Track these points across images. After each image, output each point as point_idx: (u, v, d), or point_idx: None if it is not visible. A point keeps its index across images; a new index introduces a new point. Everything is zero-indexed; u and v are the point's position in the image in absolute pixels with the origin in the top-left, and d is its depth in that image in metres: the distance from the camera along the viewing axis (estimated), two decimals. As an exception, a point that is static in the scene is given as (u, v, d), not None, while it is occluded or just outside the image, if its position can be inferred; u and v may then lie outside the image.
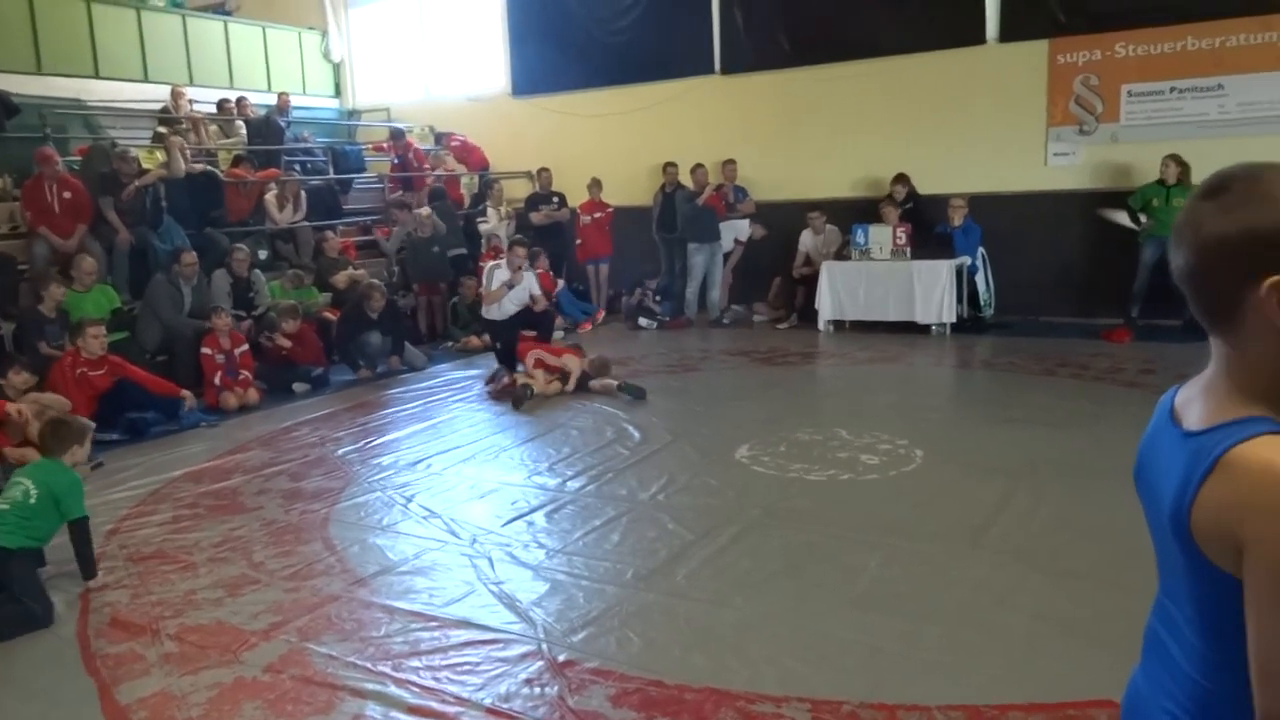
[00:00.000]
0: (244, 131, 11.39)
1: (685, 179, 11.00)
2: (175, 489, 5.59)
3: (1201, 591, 1.09)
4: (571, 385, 7.59)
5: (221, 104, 11.69)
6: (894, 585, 3.77)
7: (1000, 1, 9.85)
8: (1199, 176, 8.68)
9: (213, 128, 11.32)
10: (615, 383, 7.47)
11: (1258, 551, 0.99)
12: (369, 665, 3.33)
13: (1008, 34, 9.86)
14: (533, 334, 8.64)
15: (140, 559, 4.48)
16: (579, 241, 11.53)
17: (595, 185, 11.41)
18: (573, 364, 7.70)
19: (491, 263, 8.81)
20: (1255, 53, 8.87)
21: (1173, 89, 9.25)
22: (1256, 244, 1.03)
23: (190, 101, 11.31)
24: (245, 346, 7.87)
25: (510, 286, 8.33)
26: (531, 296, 8.49)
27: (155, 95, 11.47)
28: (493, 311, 8.47)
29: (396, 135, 12.36)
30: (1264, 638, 0.99)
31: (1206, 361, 1.16)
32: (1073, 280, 9.66)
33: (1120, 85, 9.45)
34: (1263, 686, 1.00)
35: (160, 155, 9.56)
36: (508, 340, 8.58)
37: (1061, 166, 9.75)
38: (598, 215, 11.43)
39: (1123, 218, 8.97)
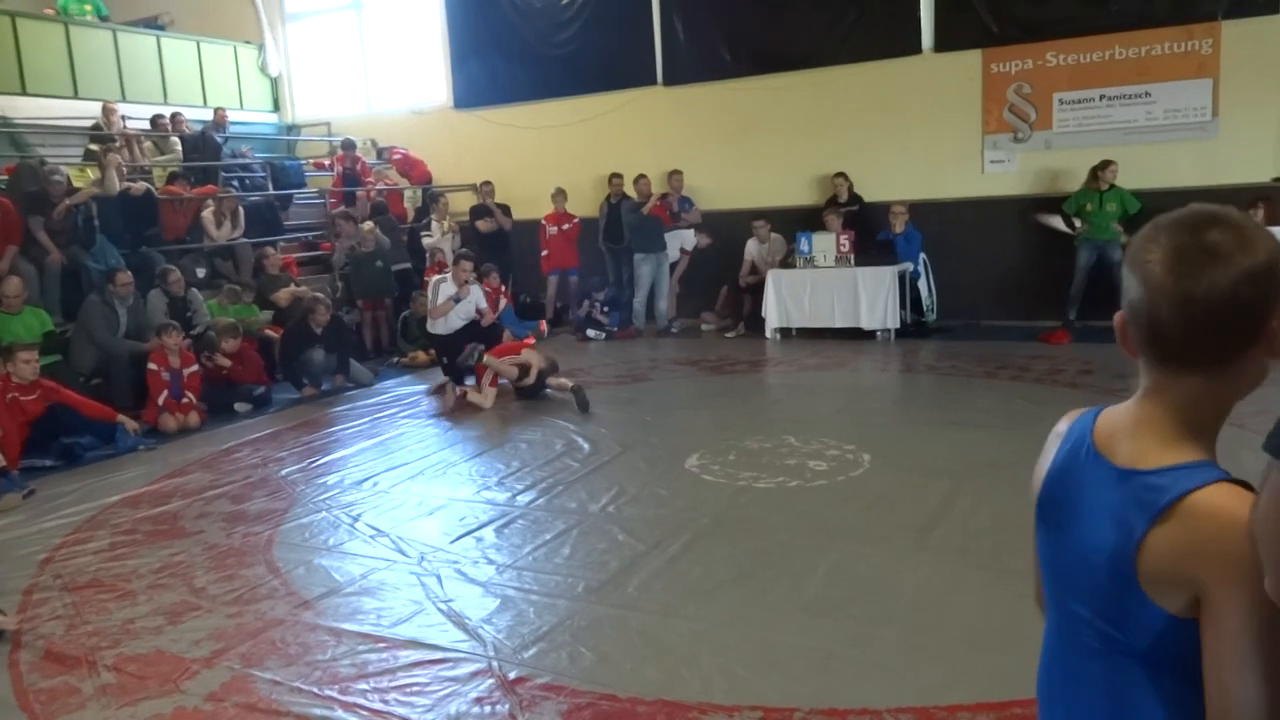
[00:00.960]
0: (179, 148, 11.17)
1: (630, 190, 11.03)
2: (112, 515, 5.44)
3: (1138, 623, 1.09)
4: (532, 378, 7.66)
5: (155, 120, 11.45)
6: (843, 590, 3.80)
7: (935, 12, 10.05)
8: (1127, 182, 8.98)
9: (147, 144, 11.08)
10: (570, 383, 7.52)
11: (1223, 605, 1.00)
12: (315, 690, 3.26)
13: (943, 44, 10.07)
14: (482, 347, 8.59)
15: (76, 588, 4.34)
16: (545, 253, 11.48)
17: (560, 195, 11.34)
18: (532, 357, 7.76)
19: (436, 277, 8.75)
20: (1179, 61, 9.16)
21: (1102, 96, 9.51)
22: (1269, 288, 1.03)
23: (123, 118, 11.07)
24: (195, 368, 7.69)
25: (457, 300, 8.28)
26: (478, 310, 8.45)
27: (86, 112, 11.20)
28: (439, 326, 8.41)
29: (347, 146, 12.20)
30: (1227, 690, 0.99)
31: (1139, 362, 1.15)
32: (1012, 284, 9.86)
33: (1052, 93, 9.69)
34: None
35: (92, 173, 9.33)
36: (454, 355, 8.52)
37: (998, 173, 9.96)
38: (565, 227, 11.39)
39: (1058, 223, 9.18)
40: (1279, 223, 8.43)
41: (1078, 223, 8.99)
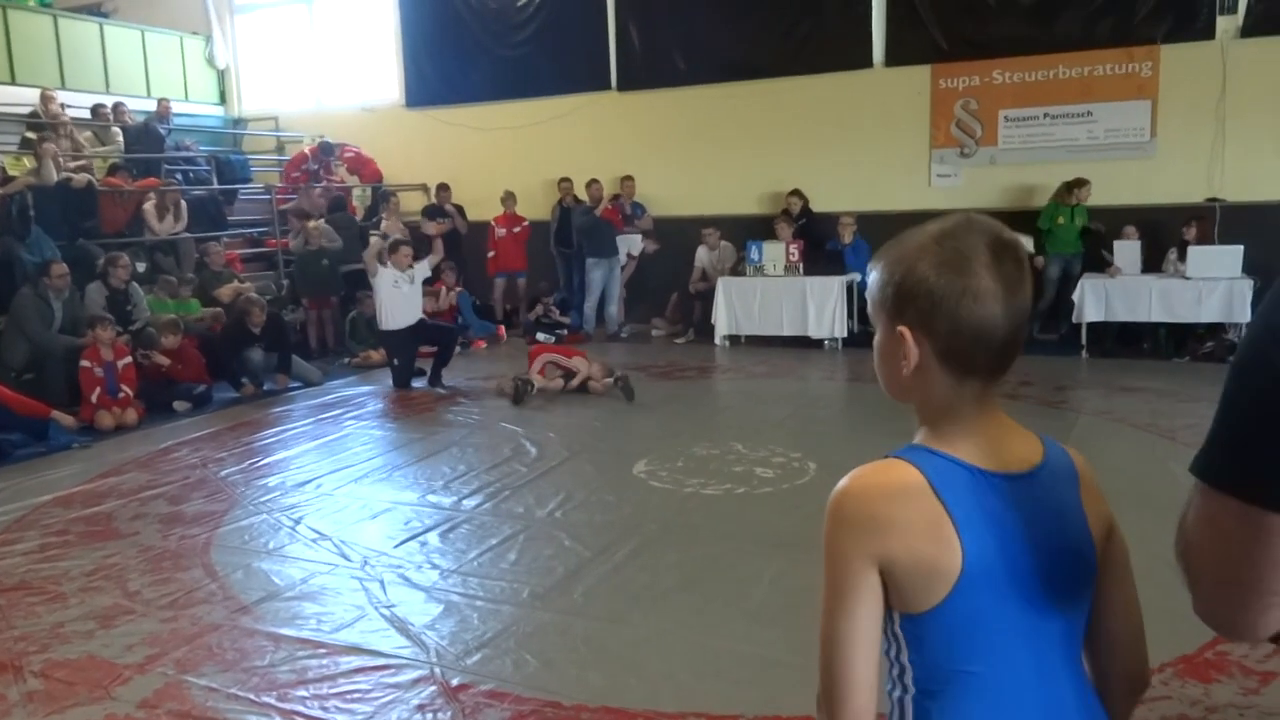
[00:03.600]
0: (121, 139, 10.90)
1: (582, 194, 11.02)
2: (42, 515, 5.27)
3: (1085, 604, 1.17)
4: (575, 383, 7.79)
5: (97, 109, 11.17)
6: (788, 597, 3.82)
7: (886, 27, 10.21)
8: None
9: (87, 134, 10.80)
10: (612, 379, 7.76)
11: (1117, 525, 1.18)
12: (252, 696, 3.20)
13: (893, 59, 10.23)
14: (432, 349, 8.55)
15: (3, 591, 4.20)
16: (491, 254, 11.42)
17: (509, 199, 11.29)
18: (582, 365, 7.89)
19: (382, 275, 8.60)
20: (1120, 82, 9.41)
21: (1046, 114, 9.74)
22: None
23: (63, 106, 10.77)
24: (128, 360, 7.50)
25: (396, 285, 8.23)
26: (426, 283, 8.58)
27: (23, 99, 10.88)
28: (390, 322, 8.32)
29: (326, 150, 12.04)
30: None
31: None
32: (956, 296, 10.00)
33: (998, 110, 9.90)
34: None
35: (28, 162, 9.06)
36: (405, 356, 8.44)
37: (944, 187, 10.14)
38: (516, 230, 11.34)
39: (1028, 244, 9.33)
40: (1209, 241, 8.72)
41: (1040, 260, 9.06)
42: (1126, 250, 8.73)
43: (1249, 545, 0.88)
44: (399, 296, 8.33)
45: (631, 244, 11.03)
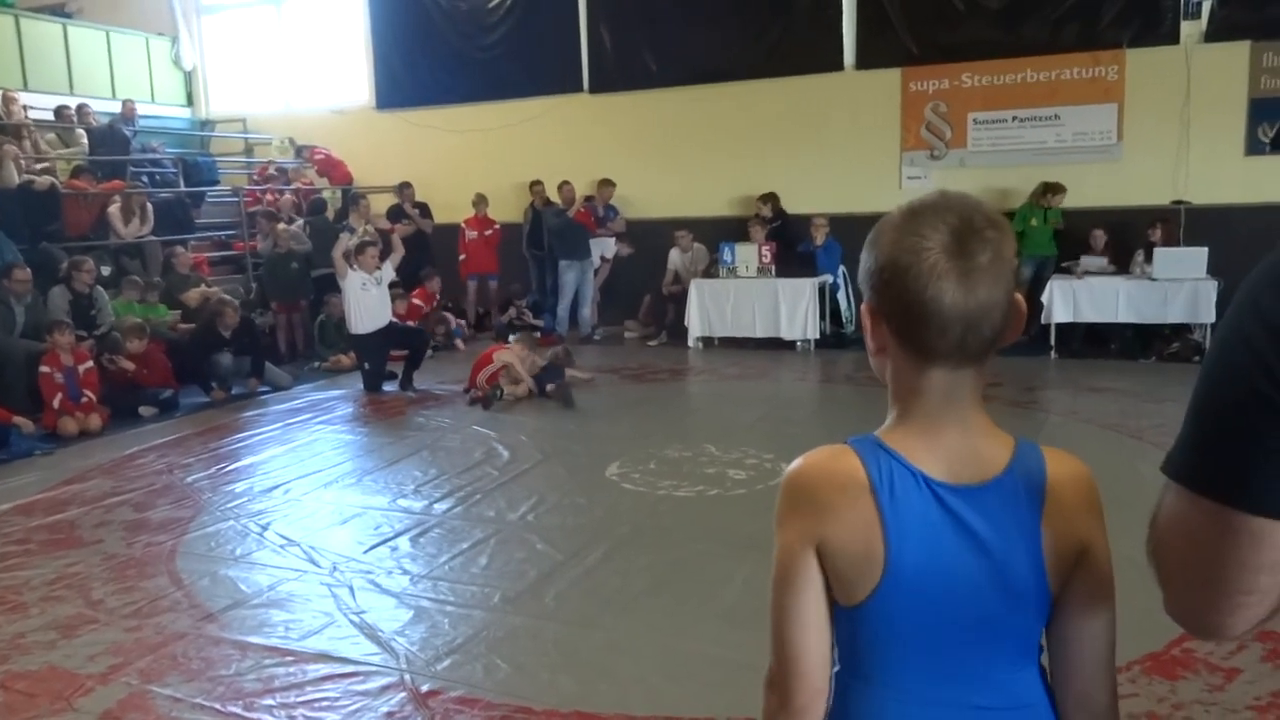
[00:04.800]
0: (85, 141, 10.74)
1: (554, 196, 10.99)
2: (3, 523, 5.16)
3: (1035, 634, 1.13)
4: (525, 380, 7.72)
5: (60, 111, 10.99)
6: (760, 599, 3.77)
7: (857, 31, 10.26)
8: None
9: (50, 136, 10.63)
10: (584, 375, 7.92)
11: (1099, 549, 1.11)
12: (217, 706, 3.15)
13: (864, 62, 10.28)
14: (403, 353, 8.49)
15: (-40, 601, 4.12)
16: (463, 257, 11.36)
17: (481, 201, 11.24)
18: (507, 357, 7.79)
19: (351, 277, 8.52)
20: (1086, 86, 9.52)
21: (1014, 118, 9.83)
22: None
23: (24, 108, 10.59)
24: (89, 364, 7.38)
25: (364, 286, 8.18)
26: (391, 285, 8.54)
27: (-16, 100, 10.68)
28: (360, 325, 8.25)
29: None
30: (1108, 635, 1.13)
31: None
32: (928, 298, 10.08)
33: (967, 113, 9.98)
34: None
35: (-11, 164, 8.89)
36: (376, 360, 8.38)
37: (915, 189, 10.19)
38: (487, 232, 11.29)
39: None
40: (1175, 243, 8.84)
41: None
42: (1094, 264, 8.94)
43: (1219, 545, 0.87)
44: (368, 299, 8.27)
45: (605, 247, 11.01)
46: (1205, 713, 2.89)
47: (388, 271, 8.47)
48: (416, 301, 10.25)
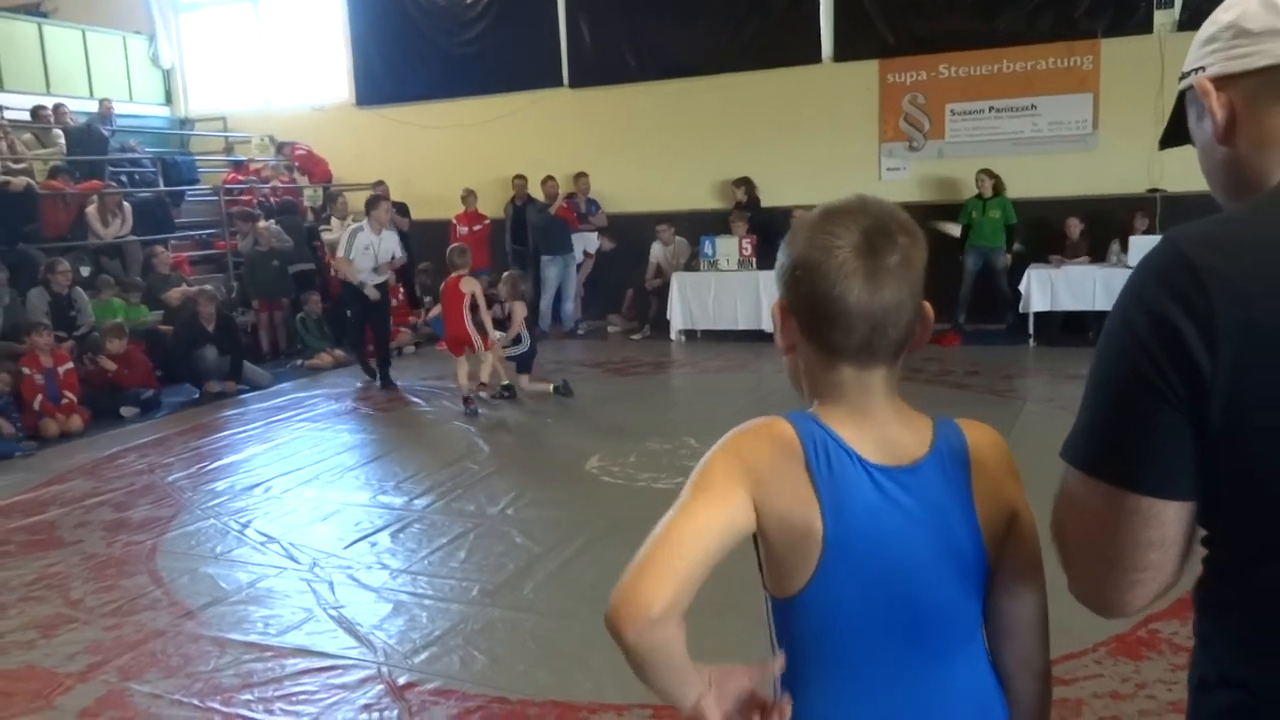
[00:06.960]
0: (63, 140, 10.69)
1: (536, 191, 10.99)
2: (-18, 525, 5.18)
3: (978, 610, 1.15)
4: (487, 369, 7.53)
5: (37, 110, 10.93)
6: (738, 589, 3.83)
7: (835, 23, 10.30)
8: (1014, 191, 9.38)
9: (27, 136, 10.57)
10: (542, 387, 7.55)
11: (1024, 513, 1.14)
12: (196, 702, 3.17)
13: (842, 54, 10.33)
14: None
15: (-61, 603, 4.12)
16: None
17: (470, 196, 11.18)
18: (469, 285, 7.56)
19: (353, 225, 8.45)
20: (1062, 76, 9.58)
21: (991, 108, 9.89)
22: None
23: (0, 108, 10.53)
24: (69, 365, 7.37)
25: (368, 248, 8.12)
26: (393, 256, 8.40)
27: (-42, 101, 10.63)
28: (363, 276, 8.10)
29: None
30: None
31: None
32: (906, 288, 10.13)
33: (945, 104, 10.03)
34: None
35: (-36, 165, 8.86)
36: (358, 311, 8.32)
37: (894, 180, 10.25)
38: (476, 228, 11.25)
39: (955, 230, 9.48)
40: (1152, 231, 8.91)
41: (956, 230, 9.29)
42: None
43: (1114, 525, 0.92)
44: (369, 260, 8.17)
45: (588, 242, 11.02)
46: (1168, 691, 2.94)
47: (391, 243, 8.37)
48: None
